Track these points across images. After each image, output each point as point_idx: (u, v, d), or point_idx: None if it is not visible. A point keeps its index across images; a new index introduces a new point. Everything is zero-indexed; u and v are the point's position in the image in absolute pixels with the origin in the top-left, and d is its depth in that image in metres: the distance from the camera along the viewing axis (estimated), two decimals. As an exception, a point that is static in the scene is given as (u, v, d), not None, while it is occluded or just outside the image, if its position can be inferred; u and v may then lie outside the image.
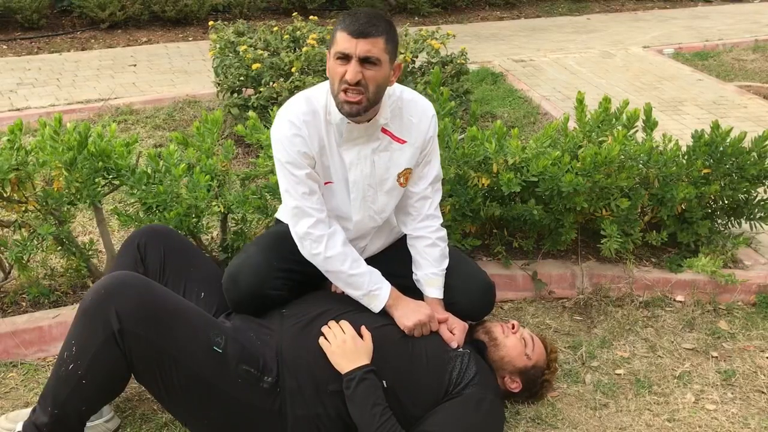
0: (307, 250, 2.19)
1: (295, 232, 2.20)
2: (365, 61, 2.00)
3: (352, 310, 2.19)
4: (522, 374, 2.26)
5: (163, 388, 1.95)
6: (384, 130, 2.20)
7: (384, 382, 2.04)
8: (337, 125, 2.14)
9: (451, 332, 2.23)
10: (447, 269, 2.37)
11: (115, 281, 1.92)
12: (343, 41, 2.00)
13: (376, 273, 2.23)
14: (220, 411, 1.98)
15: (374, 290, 2.19)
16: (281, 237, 2.31)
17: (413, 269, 2.38)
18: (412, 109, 2.24)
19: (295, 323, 2.15)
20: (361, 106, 2.05)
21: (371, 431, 1.95)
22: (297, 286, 2.28)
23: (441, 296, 2.34)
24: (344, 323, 2.11)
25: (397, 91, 2.23)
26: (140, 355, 1.89)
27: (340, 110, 2.08)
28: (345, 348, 2.04)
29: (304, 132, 2.12)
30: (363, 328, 2.11)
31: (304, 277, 2.29)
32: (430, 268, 2.35)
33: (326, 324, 2.12)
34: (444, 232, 2.40)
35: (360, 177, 2.21)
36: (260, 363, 2.02)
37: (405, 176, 2.29)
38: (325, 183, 2.23)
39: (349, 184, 2.22)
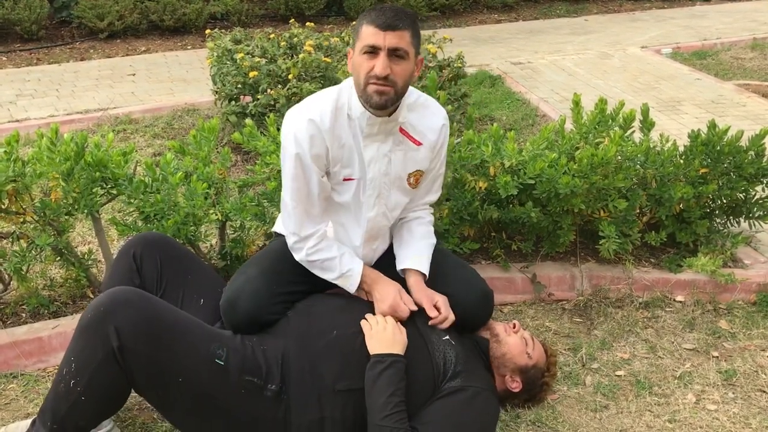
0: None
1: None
2: (393, 54, 2.02)
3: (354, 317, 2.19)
4: (523, 373, 2.26)
5: (166, 402, 1.95)
6: (401, 130, 2.22)
7: None
8: (358, 120, 2.15)
9: (437, 308, 2.24)
10: (444, 277, 2.34)
11: (114, 298, 1.91)
12: (370, 34, 2.01)
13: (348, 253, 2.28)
14: (223, 422, 1.98)
15: (346, 272, 2.24)
16: (282, 257, 2.30)
17: (400, 248, 2.37)
18: (428, 114, 2.27)
19: (299, 325, 2.15)
20: (389, 98, 2.06)
21: (379, 416, 1.93)
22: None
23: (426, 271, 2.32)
24: (389, 318, 2.15)
25: (414, 94, 2.26)
26: (141, 372, 1.88)
27: (367, 103, 2.08)
28: (385, 334, 2.07)
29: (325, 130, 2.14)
30: (397, 324, 2.13)
31: (305, 296, 2.28)
32: (422, 241, 2.36)
33: (332, 325, 2.13)
34: (432, 217, 2.48)
35: (378, 174, 2.22)
36: (263, 371, 2.02)
37: (415, 177, 2.30)
38: (346, 180, 2.22)
39: (366, 180, 2.22)
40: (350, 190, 2.24)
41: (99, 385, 1.88)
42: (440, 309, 2.23)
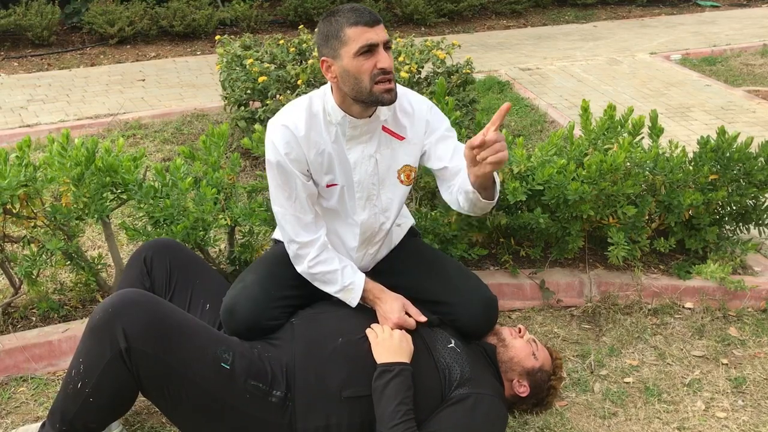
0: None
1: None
2: (385, 46, 2.04)
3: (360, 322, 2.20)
4: (530, 376, 2.26)
5: (172, 404, 1.96)
6: (384, 128, 2.21)
7: None
8: (339, 125, 2.15)
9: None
10: (445, 288, 2.33)
11: (122, 299, 1.92)
12: (361, 34, 2.00)
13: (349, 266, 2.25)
14: (229, 426, 1.98)
15: (348, 285, 2.22)
16: (280, 262, 2.30)
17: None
18: (406, 105, 2.24)
19: (305, 332, 2.15)
20: (395, 91, 2.07)
21: (387, 425, 1.93)
22: (296, 311, 2.27)
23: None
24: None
25: None
26: (148, 373, 1.89)
27: (379, 103, 2.07)
28: (391, 342, 2.07)
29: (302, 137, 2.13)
30: (403, 332, 2.12)
31: (304, 300, 2.28)
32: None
33: (338, 332, 2.13)
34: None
35: (365, 176, 2.21)
36: (269, 377, 2.02)
37: (406, 173, 2.27)
38: (329, 186, 2.21)
39: (353, 184, 2.22)
40: (334, 196, 2.23)
41: (107, 386, 1.90)
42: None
